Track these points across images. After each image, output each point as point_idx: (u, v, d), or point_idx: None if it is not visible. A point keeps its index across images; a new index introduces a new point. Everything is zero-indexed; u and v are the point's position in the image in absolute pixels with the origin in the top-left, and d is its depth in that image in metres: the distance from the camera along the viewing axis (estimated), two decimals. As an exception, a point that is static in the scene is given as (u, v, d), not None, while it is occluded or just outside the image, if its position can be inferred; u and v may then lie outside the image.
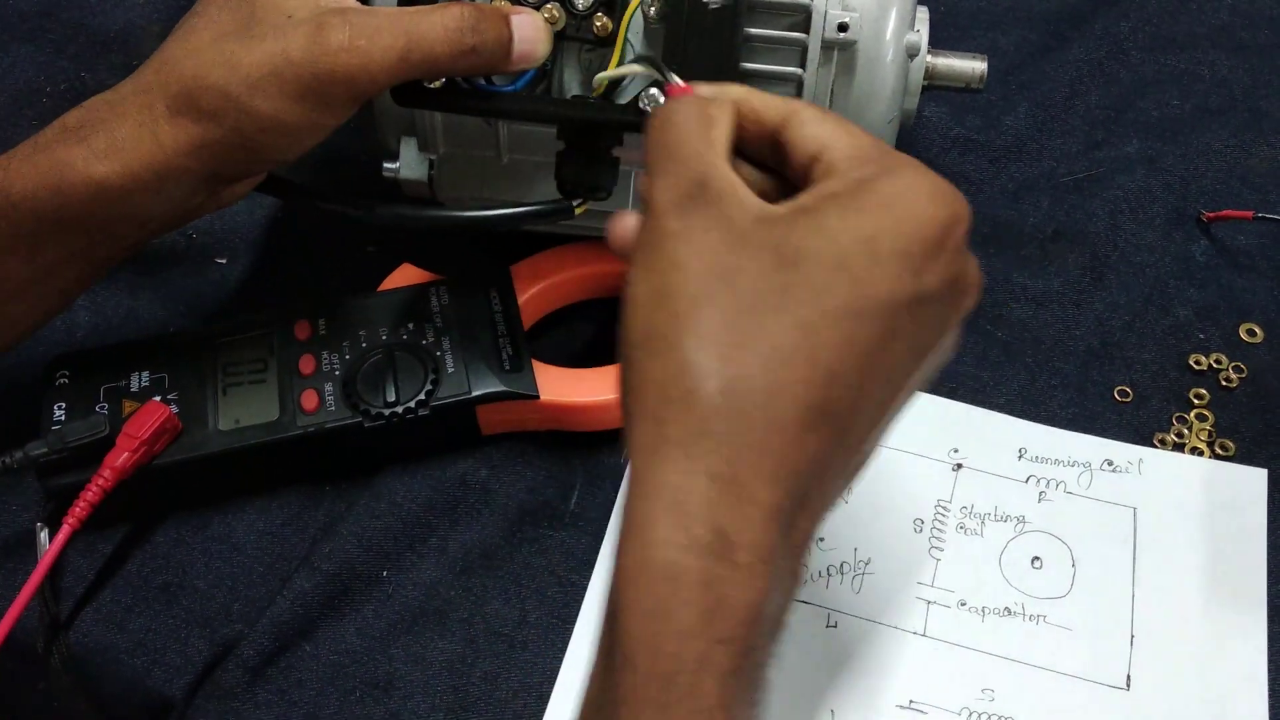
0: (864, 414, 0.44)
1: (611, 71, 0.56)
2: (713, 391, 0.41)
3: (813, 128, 0.46)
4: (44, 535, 0.60)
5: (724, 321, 0.42)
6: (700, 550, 0.40)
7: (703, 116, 0.47)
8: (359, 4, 0.56)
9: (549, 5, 0.57)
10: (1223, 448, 0.65)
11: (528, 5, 0.57)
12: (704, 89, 0.49)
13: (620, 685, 0.40)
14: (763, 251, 0.43)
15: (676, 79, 0.51)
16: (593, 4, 0.57)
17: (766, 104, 0.48)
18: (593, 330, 0.70)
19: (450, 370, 0.63)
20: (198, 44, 0.54)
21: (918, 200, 0.43)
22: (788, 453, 0.41)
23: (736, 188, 0.45)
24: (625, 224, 0.49)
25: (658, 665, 0.39)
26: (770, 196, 0.46)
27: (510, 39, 0.54)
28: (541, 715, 0.58)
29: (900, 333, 0.43)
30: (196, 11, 0.56)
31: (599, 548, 0.62)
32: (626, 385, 0.43)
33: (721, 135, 0.47)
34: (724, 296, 0.42)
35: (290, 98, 0.53)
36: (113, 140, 0.54)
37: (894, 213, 0.43)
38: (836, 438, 0.42)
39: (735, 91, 0.49)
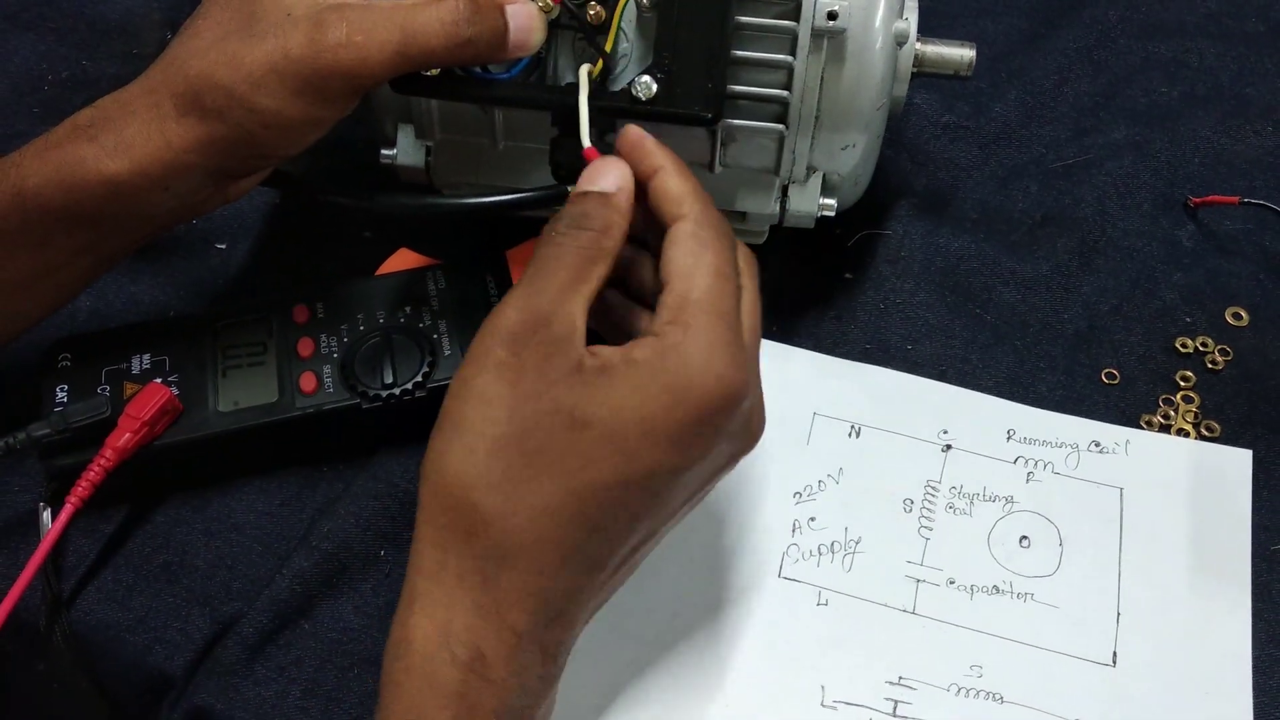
0: (623, 551, 0.50)
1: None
2: (489, 537, 0.47)
3: (674, 250, 0.51)
4: (46, 515, 0.60)
5: (510, 473, 0.47)
6: (460, 665, 0.47)
7: (590, 248, 0.50)
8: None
9: (542, -6, 0.57)
10: (1209, 429, 0.66)
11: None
12: (611, 171, 0.52)
13: None
14: (559, 413, 0.47)
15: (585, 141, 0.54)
16: (585, -7, 0.58)
17: (672, 190, 0.52)
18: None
19: (447, 353, 0.63)
20: (202, 44, 0.56)
21: (700, 383, 0.48)
22: (545, 587, 0.48)
23: (574, 334, 0.49)
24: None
25: None
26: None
27: (505, 29, 0.55)
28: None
29: (662, 494, 0.49)
30: (200, 12, 0.58)
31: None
32: (419, 499, 0.49)
33: (598, 271, 0.50)
34: (517, 447, 0.47)
35: (291, 93, 0.54)
36: (122, 138, 0.55)
37: (674, 395, 0.47)
38: (594, 572, 0.49)
39: (651, 167, 0.53)
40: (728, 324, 0.49)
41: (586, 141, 0.55)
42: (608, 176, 0.52)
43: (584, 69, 0.56)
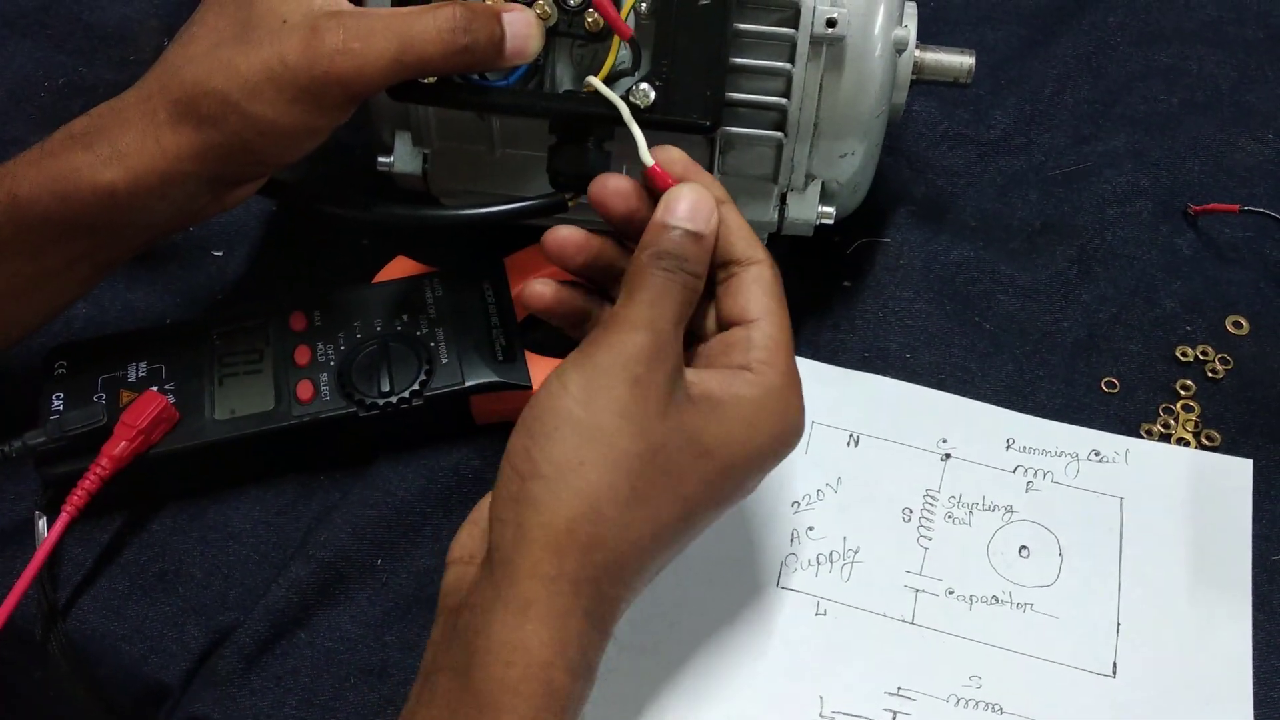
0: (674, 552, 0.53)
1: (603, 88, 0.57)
2: (608, 547, 0.48)
3: (758, 290, 0.54)
4: (42, 523, 0.60)
5: (634, 486, 0.49)
6: (574, 674, 0.47)
7: (691, 288, 0.52)
8: (353, 6, 0.56)
9: (541, 1, 0.57)
10: (1209, 438, 0.66)
11: (520, 1, 0.57)
12: (703, 211, 0.53)
13: None
14: (681, 432, 0.50)
15: (647, 157, 0.55)
16: (582, 1, 0.58)
17: (743, 230, 0.55)
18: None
19: (444, 361, 0.63)
20: (197, 51, 0.56)
21: (794, 424, 0.53)
22: (631, 598, 0.51)
23: (682, 367, 0.52)
24: (567, 237, 0.57)
25: None
26: None
27: (503, 37, 0.55)
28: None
29: (728, 505, 0.54)
30: (196, 19, 0.57)
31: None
32: (526, 496, 0.49)
33: (688, 315, 0.53)
34: (643, 461, 0.49)
35: (287, 101, 0.54)
36: (117, 147, 0.55)
37: (777, 436, 0.53)
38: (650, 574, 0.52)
39: (720, 195, 0.55)
40: (796, 366, 0.54)
41: (649, 160, 0.55)
42: (701, 213, 0.53)
43: (622, 105, 0.56)
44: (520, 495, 0.49)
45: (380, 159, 0.66)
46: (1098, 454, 0.65)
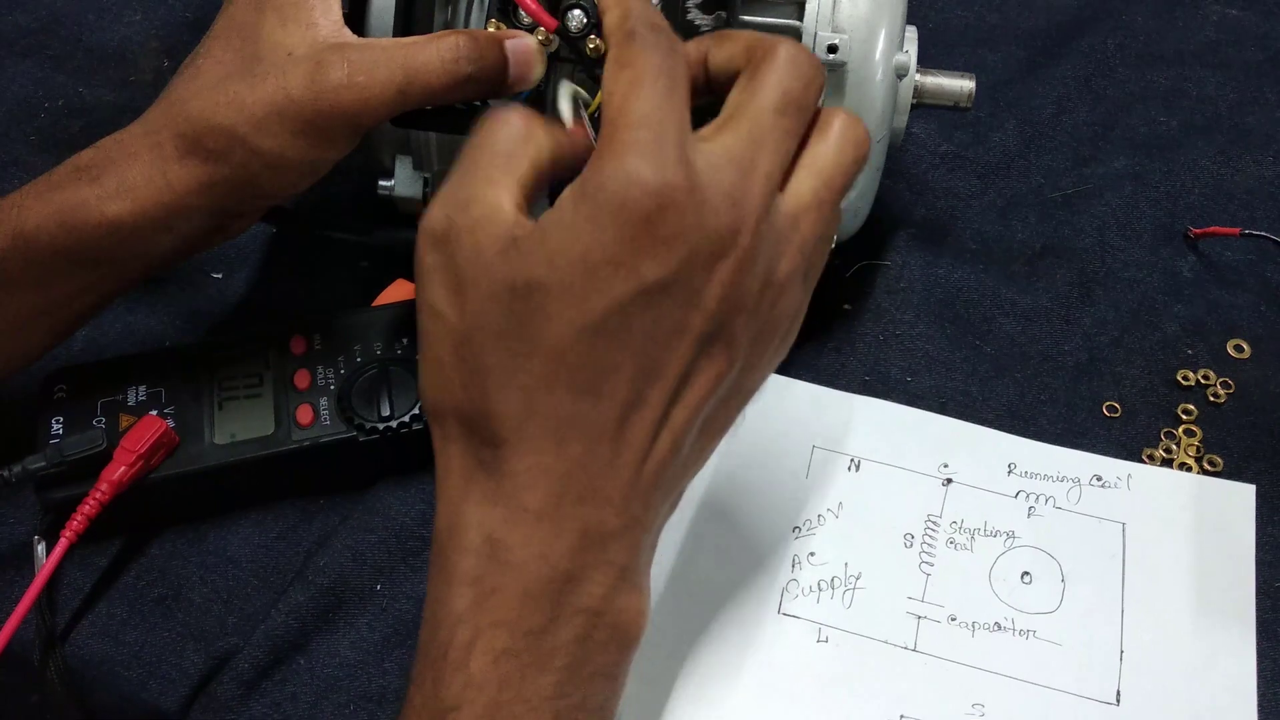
0: (643, 409, 0.46)
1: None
2: (478, 425, 0.46)
3: (605, 79, 0.46)
4: (41, 549, 0.60)
5: (481, 365, 0.45)
6: (473, 552, 0.45)
7: (511, 139, 0.47)
8: (357, 38, 0.56)
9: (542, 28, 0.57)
10: (1211, 463, 0.66)
11: (521, 28, 0.57)
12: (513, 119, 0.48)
13: (413, 669, 0.47)
14: (502, 287, 0.45)
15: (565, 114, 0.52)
16: (586, 26, 0.57)
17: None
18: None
19: (444, 385, 0.63)
20: (203, 85, 0.56)
21: (619, 196, 0.43)
22: (550, 463, 0.45)
23: (495, 215, 0.45)
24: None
25: (435, 647, 0.46)
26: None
27: (505, 64, 0.55)
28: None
29: (646, 328, 0.45)
30: (200, 52, 0.58)
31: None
32: (428, 424, 0.48)
33: (522, 161, 0.47)
34: (476, 337, 0.45)
35: (292, 135, 0.54)
36: (123, 180, 0.55)
37: (597, 220, 0.43)
38: (601, 439, 0.46)
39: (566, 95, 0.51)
40: (644, 128, 0.44)
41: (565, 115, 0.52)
42: (507, 114, 0.48)
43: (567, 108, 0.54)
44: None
45: (381, 183, 0.66)
46: (1100, 479, 0.65)
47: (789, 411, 0.67)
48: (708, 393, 0.47)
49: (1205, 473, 0.66)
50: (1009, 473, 0.66)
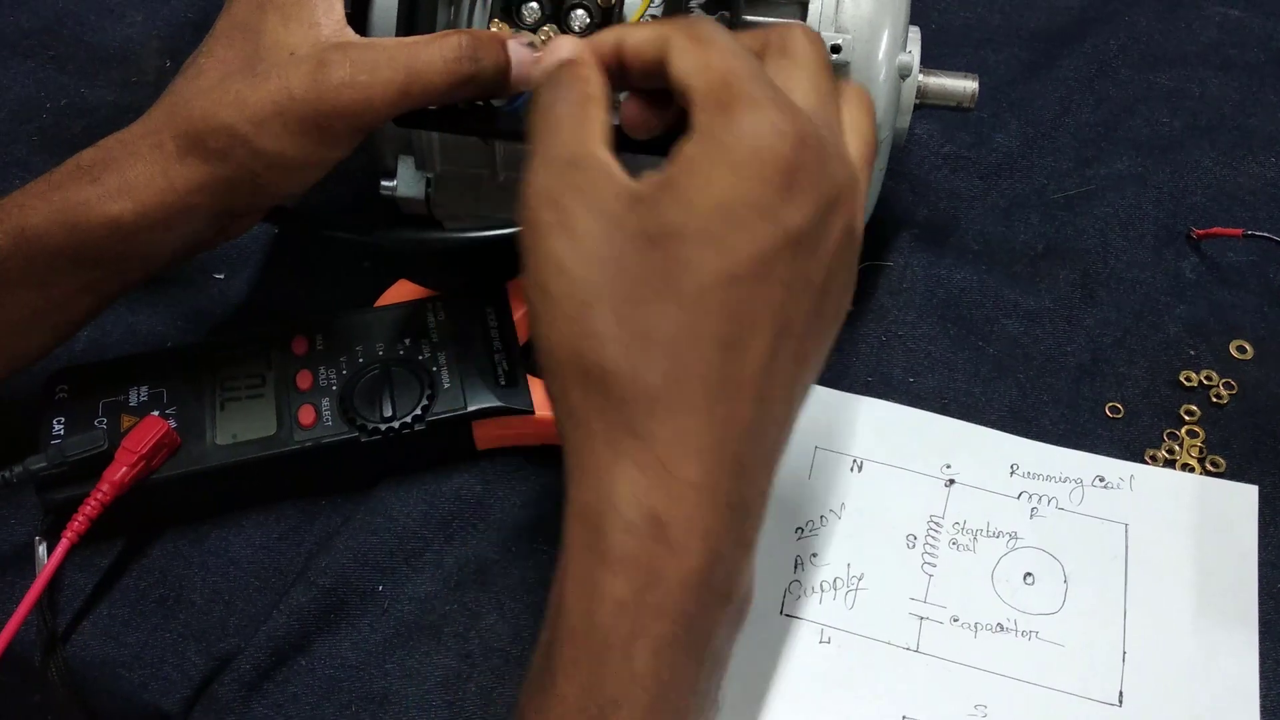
0: (776, 366, 0.45)
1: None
2: (622, 388, 0.43)
3: (680, 61, 0.46)
4: (42, 549, 0.60)
5: (615, 318, 0.43)
6: (634, 532, 0.42)
7: (577, 96, 0.47)
8: (359, 37, 0.56)
9: (545, 28, 0.57)
10: (1214, 464, 0.66)
11: (524, 28, 0.57)
12: (565, 45, 0.49)
13: (558, 656, 0.43)
14: (635, 237, 0.44)
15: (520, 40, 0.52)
16: (589, 26, 0.58)
17: (643, 40, 0.48)
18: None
19: (446, 385, 0.63)
20: (205, 84, 0.56)
21: (759, 145, 0.43)
22: (703, 426, 0.43)
23: (608, 169, 0.45)
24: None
25: (593, 636, 0.43)
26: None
27: (508, 64, 0.55)
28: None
29: (785, 278, 0.44)
30: (203, 51, 0.58)
31: (594, 563, 0.63)
32: (548, 390, 0.46)
33: (596, 112, 0.47)
34: (610, 291, 0.44)
35: (295, 134, 0.54)
36: (125, 180, 0.55)
37: (740, 168, 0.43)
38: (753, 400, 0.44)
39: (608, 38, 0.49)
40: (760, 82, 0.45)
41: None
42: (560, 48, 0.48)
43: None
44: (542, 376, 0.46)
45: (383, 183, 0.66)
46: (1102, 480, 0.65)
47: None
48: (820, 353, 0.47)
49: (1208, 474, 0.66)
50: (1011, 473, 0.66)
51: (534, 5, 0.58)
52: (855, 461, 0.66)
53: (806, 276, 0.45)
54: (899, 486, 0.65)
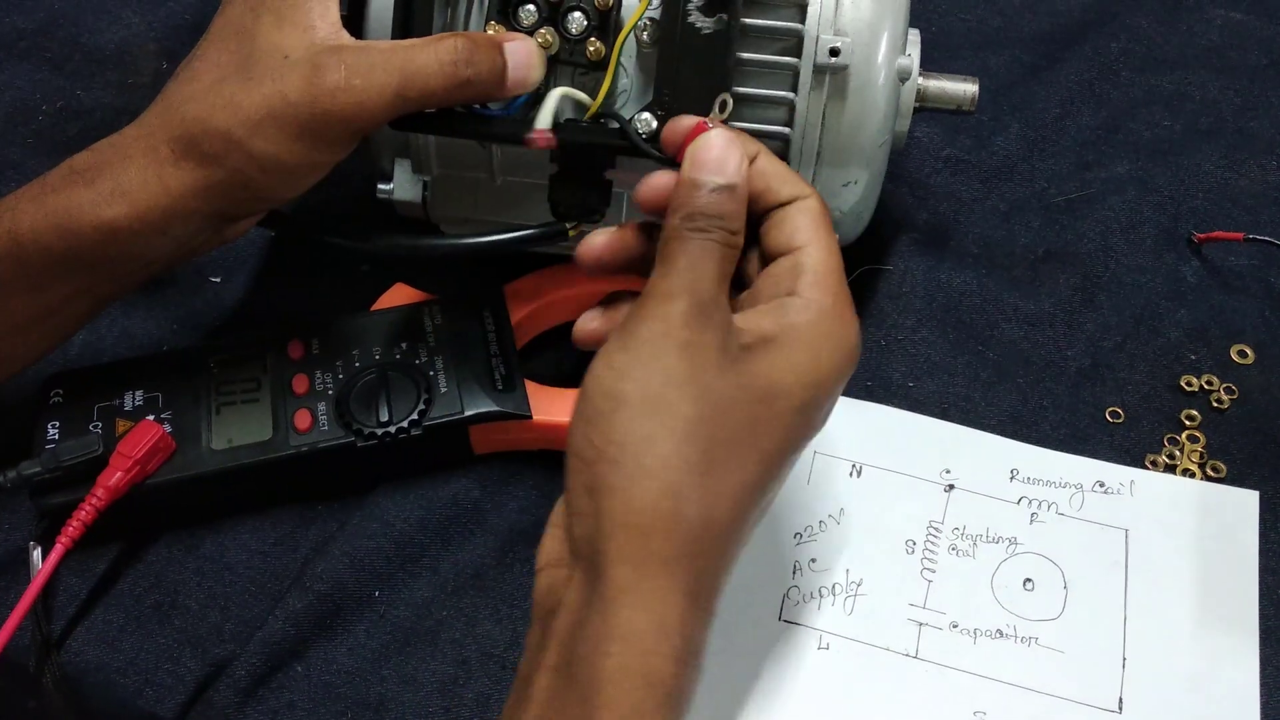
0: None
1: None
2: (693, 518, 0.45)
3: (804, 220, 0.51)
4: (37, 554, 0.60)
5: (707, 451, 0.46)
6: (676, 659, 0.44)
7: (729, 244, 0.50)
8: (354, 40, 0.56)
9: (542, 30, 0.57)
10: (1214, 469, 0.66)
11: (521, 30, 0.57)
12: (731, 160, 0.51)
13: None
14: (742, 383, 0.47)
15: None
16: (586, 29, 0.57)
17: (781, 171, 0.52)
18: (586, 351, 0.70)
19: (443, 390, 0.63)
20: (199, 87, 0.55)
21: (852, 342, 0.51)
22: (730, 566, 0.48)
23: (729, 316, 0.49)
24: (601, 242, 0.54)
25: None
26: None
27: (505, 67, 0.55)
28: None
29: (809, 436, 0.51)
30: (197, 54, 0.57)
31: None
32: (598, 483, 0.46)
33: (730, 271, 0.51)
34: (710, 424, 0.46)
35: (289, 138, 0.54)
36: (119, 184, 0.55)
37: (837, 356, 0.50)
38: (756, 525, 0.50)
39: (754, 149, 0.52)
40: (846, 288, 0.51)
41: (541, 124, 0.54)
42: (729, 164, 0.51)
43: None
44: (592, 484, 0.46)
45: (380, 186, 0.66)
46: (1102, 485, 0.65)
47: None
48: None
49: (1208, 479, 0.65)
50: (1011, 479, 0.65)
51: (531, 8, 0.58)
52: (854, 466, 0.66)
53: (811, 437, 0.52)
54: (898, 492, 0.65)
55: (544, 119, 0.53)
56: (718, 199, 0.50)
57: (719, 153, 0.51)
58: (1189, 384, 0.69)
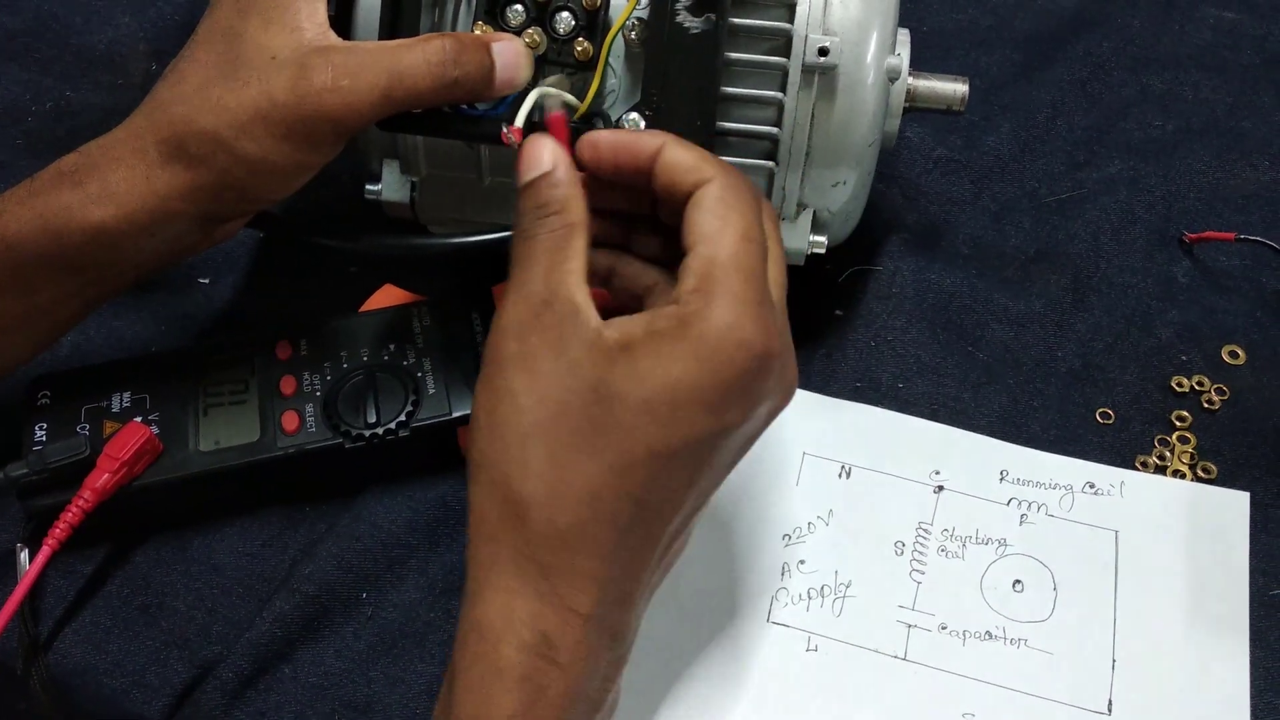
0: (676, 523, 0.50)
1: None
2: (538, 523, 0.47)
3: (697, 214, 0.49)
4: (24, 556, 0.59)
5: (548, 457, 0.47)
6: (526, 649, 0.46)
7: (558, 225, 0.49)
8: (341, 40, 0.56)
9: (530, 30, 0.57)
10: (1205, 470, 0.65)
11: (508, 30, 0.57)
12: (544, 153, 0.50)
13: None
14: (585, 389, 0.47)
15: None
16: (574, 29, 0.57)
17: (683, 161, 0.50)
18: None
19: (431, 391, 0.63)
20: (186, 89, 0.55)
21: (727, 350, 0.47)
22: (602, 569, 0.47)
23: (579, 311, 0.48)
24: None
25: None
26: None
27: (492, 68, 0.55)
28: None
29: (707, 461, 0.49)
30: (185, 55, 0.57)
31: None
32: (469, 501, 0.49)
33: (577, 244, 0.49)
34: (549, 432, 0.47)
35: (277, 139, 0.54)
36: (107, 185, 0.55)
37: (702, 364, 0.46)
38: (648, 549, 0.49)
39: (649, 143, 0.50)
40: (754, 286, 0.48)
41: (518, 122, 0.53)
42: (541, 156, 0.50)
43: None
44: (468, 496, 0.49)
45: (368, 187, 0.66)
46: (1092, 486, 0.65)
47: (779, 417, 0.67)
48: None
49: (1199, 480, 0.65)
50: (1001, 480, 0.65)
51: (519, 8, 0.57)
52: (843, 468, 0.65)
53: (731, 458, 0.51)
54: (887, 493, 0.65)
55: (520, 118, 0.53)
56: (537, 192, 0.50)
57: (529, 148, 0.50)
58: (1180, 385, 0.69)
